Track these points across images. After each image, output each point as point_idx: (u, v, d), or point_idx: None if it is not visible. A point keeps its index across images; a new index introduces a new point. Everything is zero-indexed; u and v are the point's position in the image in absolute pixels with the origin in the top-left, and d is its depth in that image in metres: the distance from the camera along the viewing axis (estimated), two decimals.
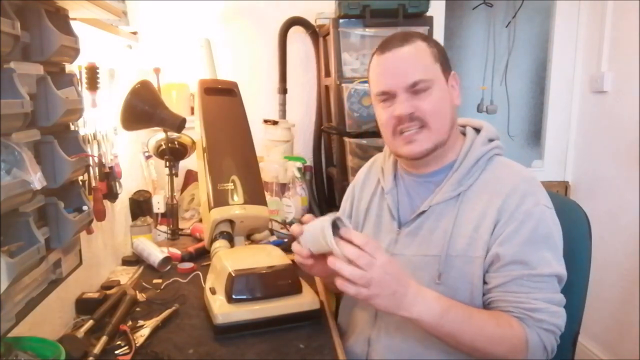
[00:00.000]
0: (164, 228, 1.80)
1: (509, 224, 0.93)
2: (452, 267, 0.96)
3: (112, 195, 1.40)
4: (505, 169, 1.01)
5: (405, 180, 1.08)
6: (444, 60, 1.02)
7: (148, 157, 1.93)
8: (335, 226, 0.84)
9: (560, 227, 0.97)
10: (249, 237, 1.70)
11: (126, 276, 1.47)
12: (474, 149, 1.02)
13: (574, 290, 1.08)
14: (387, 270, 0.82)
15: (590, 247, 1.13)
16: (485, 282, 0.94)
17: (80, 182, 1.19)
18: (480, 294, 0.95)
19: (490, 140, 1.05)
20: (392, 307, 0.85)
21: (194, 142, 1.76)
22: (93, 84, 1.30)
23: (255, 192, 1.41)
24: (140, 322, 1.13)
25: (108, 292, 1.28)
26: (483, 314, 0.92)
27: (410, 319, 0.87)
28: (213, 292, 1.15)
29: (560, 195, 1.25)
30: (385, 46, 1.00)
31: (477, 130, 1.08)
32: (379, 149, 1.23)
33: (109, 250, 1.51)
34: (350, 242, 0.82)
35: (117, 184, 1.40)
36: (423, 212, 1.02)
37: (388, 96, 1.00)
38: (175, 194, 1.80)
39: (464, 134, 1.08)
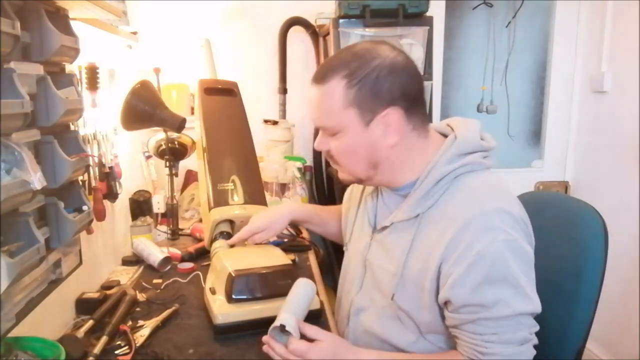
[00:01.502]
0: (164, 228, 1.80)
1: (459, 264, 0.84)
2: (405, 290, 0.93)
3: (112, 195, 1.40)
4: (466, 196, 0.89)
5: (383, 188, 1.05)
6: (370, 100, 0.89)
7: (148, 157, 1.93)
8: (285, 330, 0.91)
9: (528, 257, 0.87)
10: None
11: (126, 276, 1.47)
12: (435, 169, 0.92)
13: (581, 302, 1.02)
14: None
15: (603, 260, 1.01)
16: (442, 316, 0.92)
17: (80, 182, 1.19)
18: (434, 319, 0.92)
19: (465, 154, 0.93)
20: None
21: (194, 142, 1.76)
22: (93, 84, 1.30)
23: (255, 192, 1.41)
24: (140, 322, 1.13)
25: (108, 292, 1.28)
26: None
27: None
28: (213, 292, 1.15)
29: (577, 200, 1.12)
30: (313, 75, 0.95)
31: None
32: None
33: (109, 250, 1.51)
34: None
35: (117, 184, 1.40)
36: (387, 226, 0.99)
37: None
38: (175, 194, 1.80)
39: (446, 135, 1.00)
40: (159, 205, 1.82)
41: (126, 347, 1.03)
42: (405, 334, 0.96)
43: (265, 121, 2.17)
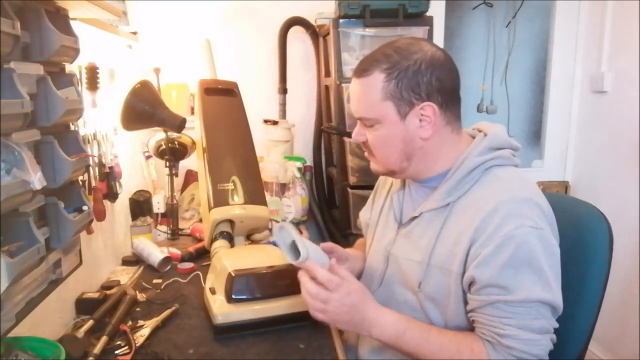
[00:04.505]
0: (164, 228, 1.80)
1: (486, 245, 0.87)
2: (431, 277, 0.95)
3: (112, 195, 1.40)
4: (497, 184, 0.93)
5: (410, 183, 1.08)
6: (407, 93, 0.92)
7: (148, 157, 1.93)
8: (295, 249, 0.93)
9: (554, 249, 0.89)
10: (249, 237, 1.70)
11: (126, 276, 1.47)
12: (468, 159, 0.96)
13: (584, 303, 1.01)
14: (343, 302, 0.91)
15: (608, 260, 1.01)
16: (466, 302, 0.93)
17: (80, 182, 1.19)
18: (458, 307, 0.93)
19: (496, 149, 0.97)
20: (351, 328, 0.95)
21: (194, 142, 1.76)
22: (93, 84, 1.30)
23: (255, 192, 1.41)
24: (140, 322, 1.13)
25: (108, 292, 1.28)
26: (444, 337, 0.92)
27: (370, 337, 0.96)
28: (213, 292, 1.16)
29: (581, 201, 1.12)
30: (355, 69, 1.00)
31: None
32: None
33: (109, 250, 1.51)
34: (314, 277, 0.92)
35: (117, 184, 1.41)
36: (415, 217, 1.01)
37: None
38: (175, 194, 1.80)
39: (474, 137, 1.04)
40: (159, 205, 1.82)
41: (126, 347, 1.03)
42: None
43: (265, 121, 2.17)
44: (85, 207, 1.12)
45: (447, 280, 0.93)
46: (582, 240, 1.04)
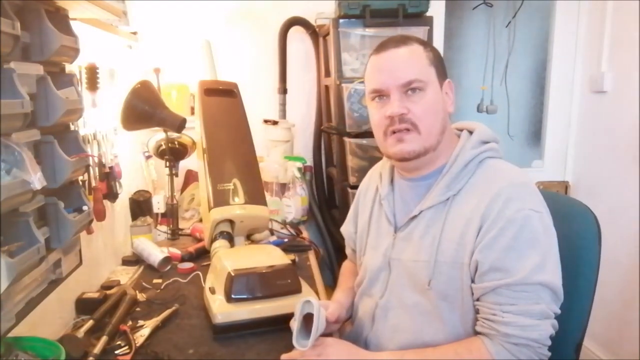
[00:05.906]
0: (164, 228, 1.80)
1: (490, 230, 0.90)
2: (441, 273, 0.96)
3: (112, 195, 1.40)
4: (494, 173, 0.97)
5: (400, 184, 1.08)
6: (440, 66, 1.01)
7: (148, 157, 1.93)
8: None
9: (553, 233, 0.93)
10: (249, 237, 1.70)
11: (126, 276, 1.47)
12: (463, 152, 0.99)
13: (578, 297, 1.03)
14: (336, 346, 0.97)
15: (598, 253, 1.05)
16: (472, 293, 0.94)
17: (80, 182, 1.19)
18: (470, 299, 0.94)
19: (484, 143, 1.01)
20: None
21: (194, 142, 1.77)
22: (93, 84, 1.30)
23: (255, 192, 1.41)
24: (140, 322, 1.13)
25: (108, 292, 1.28)
26: (440, 349, 0.94)
27: None
28: (213, 291, 1.16)
29: (569, 198, 1.17)
30: (382, 47, 1.01)
31: (472, 133, 1.05)
32: (379, 149, 1.23)
33: (109, 250, 1.51)
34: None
35: (117, 184, 1.41)
36: (415, 216, 1.01)
37: (381, 95, 1.00)
38: (175, 194, 1.80)
39: (459, 137, 1.06)
40: (159, 205, 1.82)
41: (126, 347, 1.03)
42: (439, 329, 0.97)
43: (265, 121, 2.17)
44: (85, 207, 1.12)
45: (459, 273, 0.94)
46: (571, 235, 1.07)
